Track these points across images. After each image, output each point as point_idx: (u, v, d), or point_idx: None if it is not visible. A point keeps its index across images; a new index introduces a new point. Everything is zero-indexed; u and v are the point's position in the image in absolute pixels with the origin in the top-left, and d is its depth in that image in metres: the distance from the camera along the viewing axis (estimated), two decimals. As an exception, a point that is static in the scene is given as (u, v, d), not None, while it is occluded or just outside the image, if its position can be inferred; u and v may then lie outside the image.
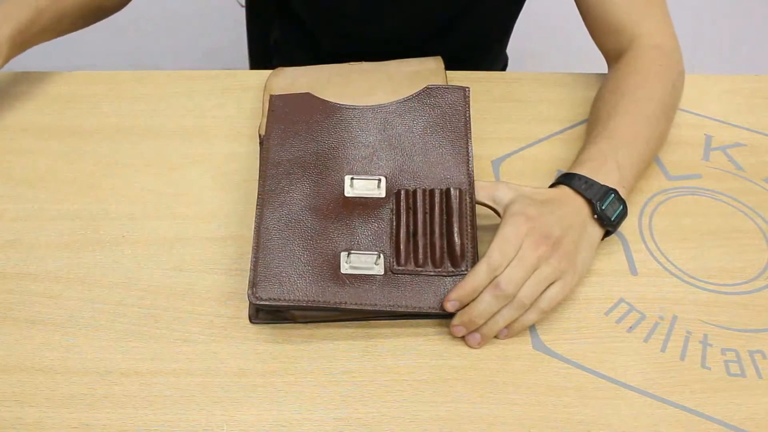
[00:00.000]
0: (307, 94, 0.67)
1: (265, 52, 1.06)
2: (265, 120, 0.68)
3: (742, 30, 2.00)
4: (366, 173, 0.63)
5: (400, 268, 0.59)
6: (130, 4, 0.87)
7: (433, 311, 0.58)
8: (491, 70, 0.92)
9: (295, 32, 0.98)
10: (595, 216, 0.61)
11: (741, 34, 1.98)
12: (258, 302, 0.56)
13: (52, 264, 0.64)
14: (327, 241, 0.59)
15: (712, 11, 1.99)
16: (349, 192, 0.62)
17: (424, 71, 0.72)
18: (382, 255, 0.59)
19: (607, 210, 0.61)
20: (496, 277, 0.56)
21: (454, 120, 0.66)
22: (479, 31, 0.94)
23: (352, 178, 0.63)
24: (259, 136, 0.71)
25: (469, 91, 0.67)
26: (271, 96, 0.68)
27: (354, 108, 0.67)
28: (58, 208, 0.68)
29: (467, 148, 0.64)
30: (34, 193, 0.70)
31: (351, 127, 0.65)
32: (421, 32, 0.89)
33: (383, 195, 0.62)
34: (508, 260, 0.56)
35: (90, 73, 0.83)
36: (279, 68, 0.78)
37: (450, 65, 0.77)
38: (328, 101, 0.67)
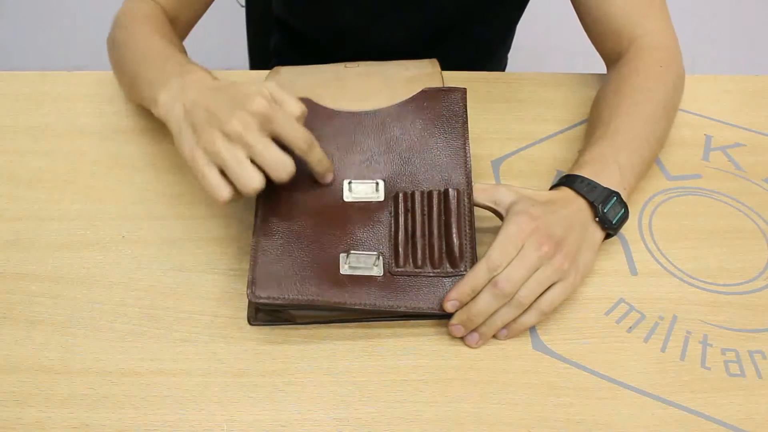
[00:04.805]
0: (305, 99, 0.67)
1: (265, 53, 1.07)
2: None
3: (742, 30, 2.00)
4: (364, 177, 0.63)
5: (399, 269, 0.59)
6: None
7: (433, 311, 0.58)
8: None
9: (294, 41, 0.98)
10: (597, 219, 0.61)
11: (741, 34, 1.99)
12: (257, 301, 0.56)
13: (52, 264, 0.64)
14: (326, 244, 0.59)
15: (712, 11, 2.00)
16: (347, 197, 0.62)
17: (420, 75, 0.72)
18: (381, 256, 0.59)
19: (608, 213, 0.61)
20: (495, 275, 0.56)
21: (451, 121, 0.65)
22: (480, 38, 0.94)
23: (350, 183, 0.63)
24: None
25: (465, 92, 0.67)
26: None
27: (351, 114, 0.67)
28: (58, 208, 0.68)
29: (465, 149, 0.64)
30: (34, 193, 0.70)
31: (349, 133, 0.65)
32: (422, 41, 0.90)
33: (382, 198, 0.62)
34: (508, 259, 0.56)
35: (90, 73, 0.83)
36: (276, 68, 0.77)
37: (451, 70, 0.76)
38: (326, 107, 0.67)
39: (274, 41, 1.02)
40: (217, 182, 0.54)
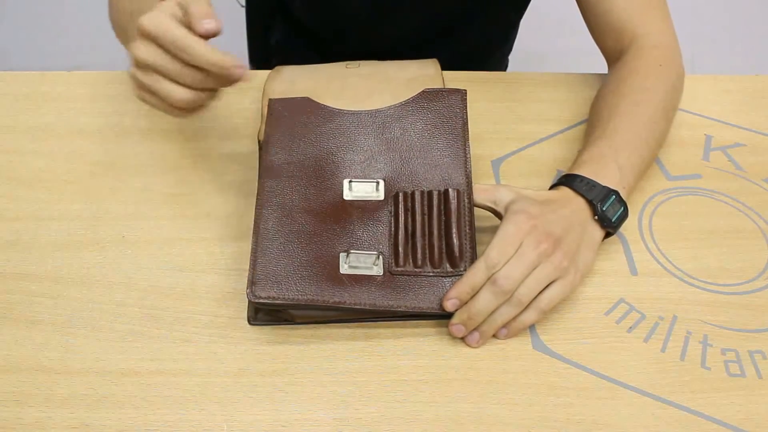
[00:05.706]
0: (306, 98, 0.68)
1: (265, 53, 1.06)
2: (263, 125, 0.68)
3: (742, 30, 2.00)
4: (364, 177, 0.63)
5: (398, 269, 0.59)
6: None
7: (432, 311, 0.58)
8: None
9: (296, 34, 0.98)
10: (596, 217, 0.61)
11: (741, 34, 1.99)
12: (257, 300, 0.56)
13: (52, 264, 0.64)
14: (326, 243, 0.59)
15: (712, 11, 2.00)
16: (347, 195, 0.62)
17: (421, 75, 0.72)
18: (381, 255, 0.59)
19: (608, 211, 0.61)
20: (494, 273, 0.56)
21: (451, 122, 0.66)
22: (481, 39, 0.94)
23: (350, 182, 0.63)
24: (259, 141, 0.71)
25: (466, 93, 0.67)
26: (270, 99, 0.68)
27: (352, 113, 0.67)
28: (58, 208, 0.68)
29: (465, 149, 0.64)
30: (34, 193, 0.70)
31: (349, 132, 0.66)
32: (423, 40, 0.90)
33: (382, 197, 0.62)
34: (506, 257, 0.56)
35: (90, 73, 0.83)
36: (277, 68, 0.78)
37: (452, 70, 0.76)
38: (326, 106, 0.67)
39: (275, 39, 1.02)
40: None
